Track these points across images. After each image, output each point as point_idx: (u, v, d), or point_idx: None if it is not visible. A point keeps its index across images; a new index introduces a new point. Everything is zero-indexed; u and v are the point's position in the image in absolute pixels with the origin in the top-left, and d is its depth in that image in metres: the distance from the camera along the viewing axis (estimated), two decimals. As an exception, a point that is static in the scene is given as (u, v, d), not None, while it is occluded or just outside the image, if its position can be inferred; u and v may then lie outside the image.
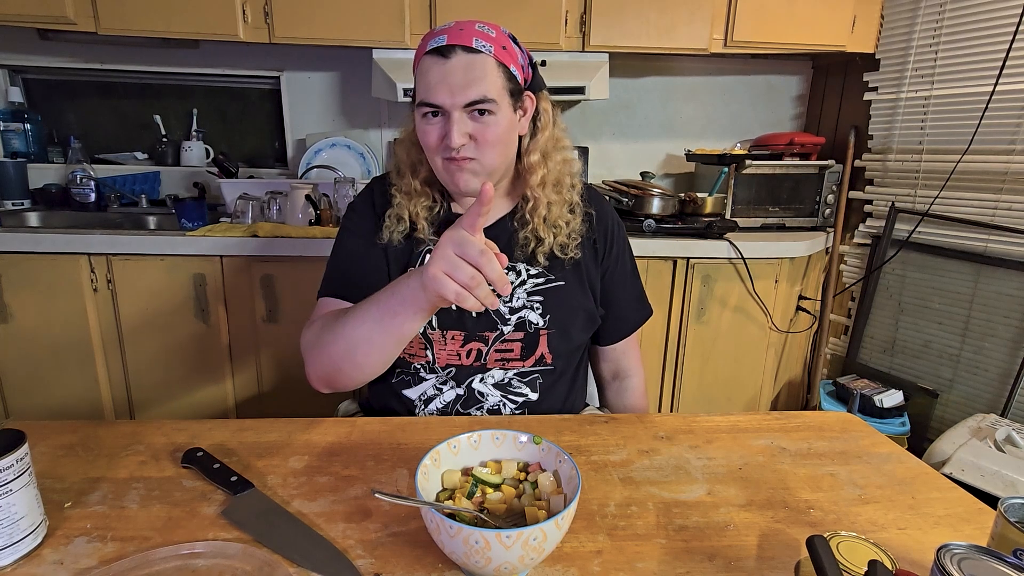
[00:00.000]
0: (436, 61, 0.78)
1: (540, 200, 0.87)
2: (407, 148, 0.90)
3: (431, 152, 0.84)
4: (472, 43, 0.78)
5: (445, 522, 0.48)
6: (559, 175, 0.90)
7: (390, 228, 0.89)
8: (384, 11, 1.78)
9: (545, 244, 0.88)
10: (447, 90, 0.78)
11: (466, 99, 0.78)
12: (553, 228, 0.88)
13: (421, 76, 0.80)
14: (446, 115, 0.80)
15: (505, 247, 0.88)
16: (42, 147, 2.11)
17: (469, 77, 0.77)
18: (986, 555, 0.45)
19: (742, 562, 0.56)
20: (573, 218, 0.90)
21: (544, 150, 0.88)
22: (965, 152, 1.70)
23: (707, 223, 1.82)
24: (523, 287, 0.89)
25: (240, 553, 0.53)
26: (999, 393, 1.71)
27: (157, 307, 1.66)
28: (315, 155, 2.12)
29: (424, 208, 0.89)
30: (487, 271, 0.58)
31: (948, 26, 1.76)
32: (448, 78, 0.77)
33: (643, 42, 1.87)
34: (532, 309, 0.89)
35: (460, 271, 0.58)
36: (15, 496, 0.52)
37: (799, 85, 2.34)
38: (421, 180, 0.90)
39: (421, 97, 0.80)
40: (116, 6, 1.71)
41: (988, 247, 1.71)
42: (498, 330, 0.88)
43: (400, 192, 0.90)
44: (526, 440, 0.62)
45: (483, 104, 0.79)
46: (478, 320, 0.88)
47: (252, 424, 0.79)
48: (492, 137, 0.81)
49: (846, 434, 0.82)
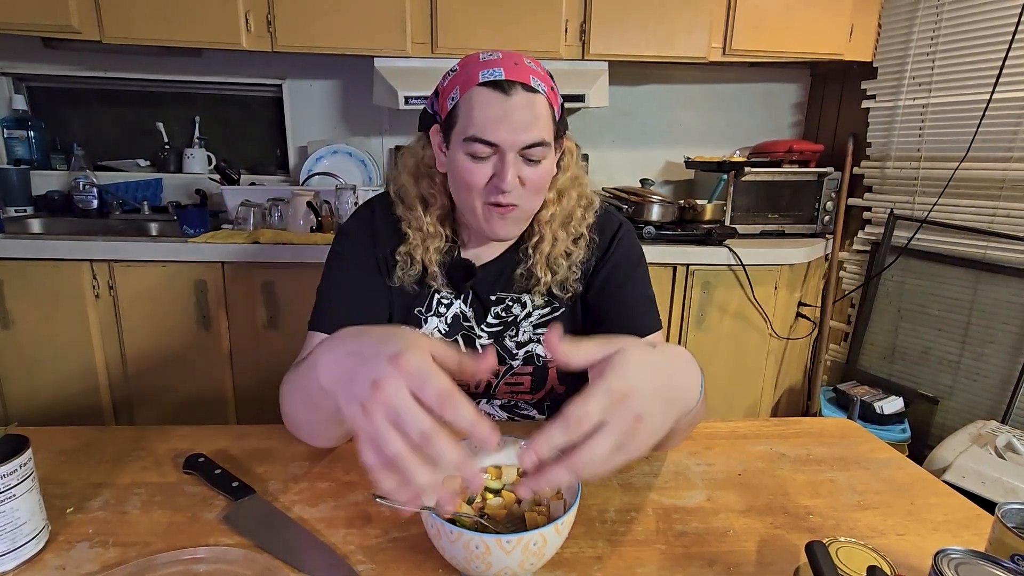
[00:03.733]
0: (495, 96, 0.71)
1: (546, 236, 0.83)
2: (416, 178, 0.83)
3: (471, 192, 0.76)
4: (530, 81, 0.73)
5: (445, 527, 0.47)
6: (570, 211, 0.85)
7: (404, 268, 0.82)
8: (385, 20, 1.79)
9: (541, 284, 0.83)
10: (508, 129, 0.71)
11: (526, 141, 0.72)
12: (552, 266, 0.83)
13: (475, 109, 0.72)
14: (499, 155, 0.73)
15: (506, 279, 0.86)
16: (45, 154, 2.12)
17: (529, 117, 0.72)
18: (983, 560, 0.45)
19: (741, 568, 0.56)
20: (576, 249, 0.85)
21: (561, 188, 0.84)
22: (963, 159, 1.71)
23: (706, 230, 1.83)
24: (528, 320, 0.86)
25: (241, 558, 0.53)
26: (999, 400, 1.71)
27: (159, 313, 1.67)
28: (316, 162, 2.13)
29: (436, 251, 0.83)
30: (439, 448, 0.40)
31: (945, 34, 1.78)
32: (509, 116, 0.71)
33: (643, 51, 1.88)
34: (539, 343, 0.86)
35: (387, 442, 0.40)
36: (18, 501, 0.52)
37: (798, 93, 2.35)
38: (435, 218, 0.82)
39: (475, 132, 0.72)
40: (120, 15, 1.73)
41: (987, 253, 1.71)
42: (507, 364, 0.86)
43: (412, 228, 0.82)
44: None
45: (539, 148, 0.74)
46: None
47: (253, 430, 0.79)
48: (540, 183, 0.77)
49: (845, 440, 0.82)
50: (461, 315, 0.86)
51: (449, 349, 0.44)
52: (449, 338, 0.86)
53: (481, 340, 0.86)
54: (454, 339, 0.86)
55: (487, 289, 0.86)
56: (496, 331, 0.86)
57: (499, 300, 0.87)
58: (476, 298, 0.86)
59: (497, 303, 0.86)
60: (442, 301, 0.86)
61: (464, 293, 0.86)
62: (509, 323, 0.86)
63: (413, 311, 0.86)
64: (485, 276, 0.85)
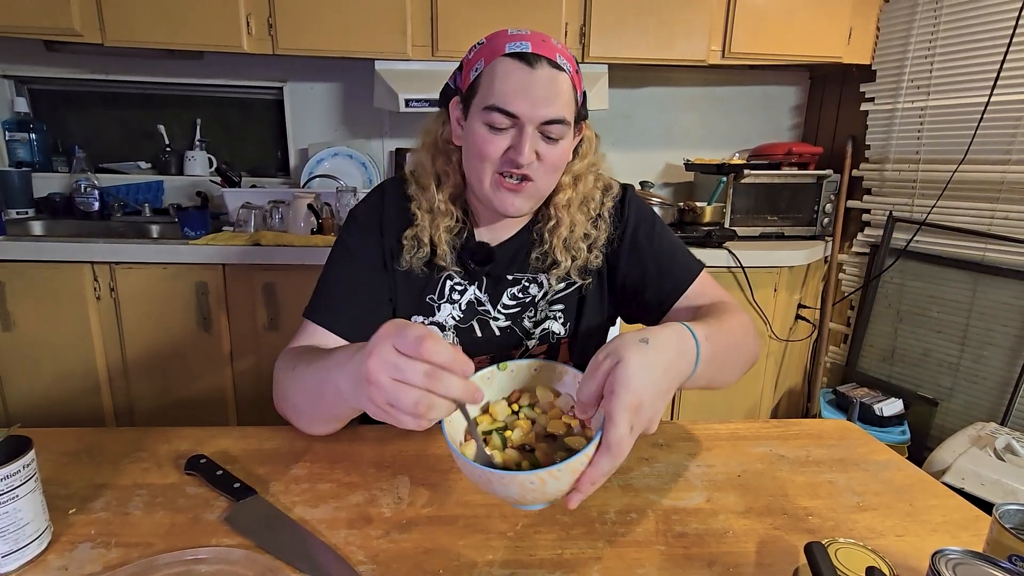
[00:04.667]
0: (519, 67, 0.71)
1: (563, 220, 0.82)
2: (433, 154, 0.82)
3: (484, 162, 0.75)
4: (556, 58, 0.72)
5: (496, 473, 0.48)
6: (587, 194, 0.84)
7: (411, 252, 0.81)
8: (386, 23, 1.80)
9: (561, 267, 0.82)
10: (529, 101, 0.71)
11: (546, 116, 0.72)
12: (572, 251, 0.82)
13: (497, 79, 0.72)
14: (518, 127, 0.73)
15: (521, 259, 0.85)
16: (47, 156, 2.13)
17: (552, 92, 0.72)
18: (981, 560, 0.45)
19: (741, 569, 0.56)
20: (596, 232, 0.84)
21: (577, 173, 0.83)
22: (961, 162, 1.72)
23: (706, 232, 1.83)
24: (544, 298, 0.85)
25: (243, 559, 0.54)
26: (999, 401, 1.71)
27: (159, 315, 1.67)
28: (317, 164, 2.14)
29: (447, 230, 0.81)
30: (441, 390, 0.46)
31: (943, 37, 1.79)
32: (532, 88, 0.71)
33: (642, 53, 1.89)
34: (555, 319, 0.85)
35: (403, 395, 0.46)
36: (21, 502, 0.52)
37: (797, 95, 2.36)
38: (446, 195, 0.81)
39: (495, 101, 0.71)
40: (122, 18, 1.73)
41: (985, 256, 1.72)
42: (523, 346, 0.85)
43: (421, 209, 0.81)
44: (493, 372, 0.61)
45: (559, 124, 0.73)
46: (503, 339, 0.84)
47: (254, 431, 0.79)
48: (557, 161, 0.76)
49: (844, 441, 0.83)
50: (476, 301, 0.85)
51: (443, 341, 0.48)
52: (464, 325, 0.84)
53: (499, 323, 0.85)
54: (469, 325, 0.85)
55: (503, 270, 0.85)
56: (514, 312, 0.85)
57: (515, 281, 0.85)
58: (491, 280, 0.85)
59: (513, 284, 0.85)
60: (455, 288, 0.84)
61: (478, 279, 0.85)
62: (527, 304, 0.85)
63: (424, 299, 0.84)
64: (501, 257, 0.84)
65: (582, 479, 0.48)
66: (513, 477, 0.48)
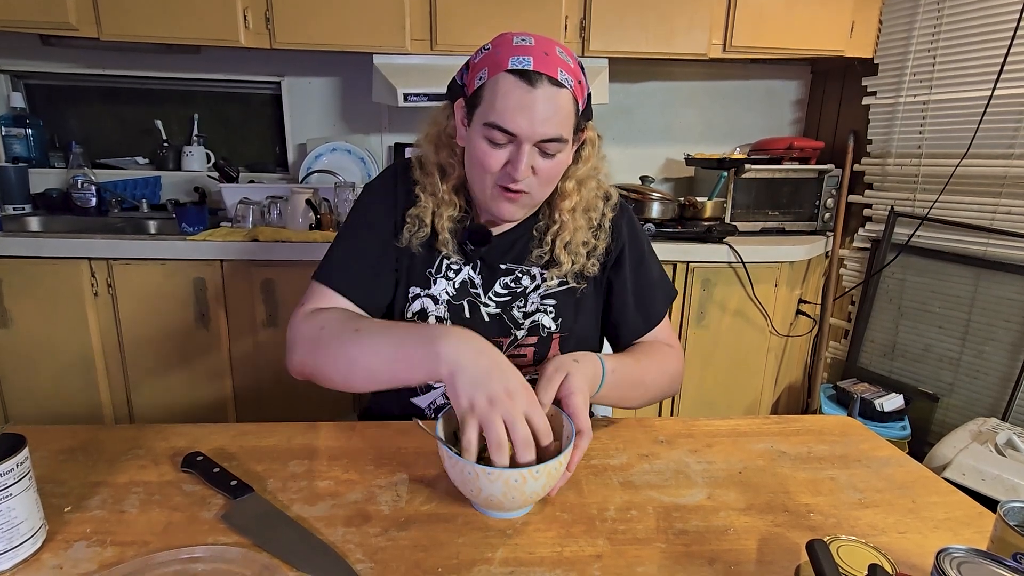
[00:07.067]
0: (519, 85, 0.73)
1: (567, 225, 0.84)
2: (436, 147, 0.85)
3: (484, 174, 0.78)
4: (557, 75, 0.73)
5: (484, 470, 0.57)
6: (590, 201, 0.87)
7: (411, 230, 0.84)
8: (385, 17, 1.79)
9: (561, 268, 0.85)
10: (527, 120, 0.73)
11: (544, 135, 0.74)
12: (573, 255, 0.85)
13: (499, 96, 0.74)
14: (516, 144, 0.75)
15: (518, 250, 0.88)
16: (43, 152, 2.12)
17: (549, 112, 0.74)
18: (986, 559, 0.45)
19: (742, 566, 0.55)
20: (596, 242, 0.87)
21: (581, 178, 0.85)
22: (964, 156, 1.71)
23: (707, 227, 1.83)
24: (537, 291, 0.88)
25: (240, 557, 0.53)
26: (1000, 397, 1.70)
27: (157, 311, 1.66)
28: (315, 160, 2.13)
29: (449, 218, 0.85)
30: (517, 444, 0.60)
31: (946, 31, 1.77)
32: (531, 108, 0.73)
33: (643, 47, 1.88)
34: (545, 313, 0.87)
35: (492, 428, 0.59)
36: (15, 500, 0.52)
37: (798, 90, 2.35)
38: (450, 186, 0.85)
39: (495, 119, 0.74)
40: (118, 12, 1.72)
41: (987, 251, 1.71)
42: (512, 335, 0.87)
43: (425, 192, 0.85)
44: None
45: (555, 143, 0.75)
46: (492, 326, 0.86)
47: (252, 428, 0.79)
48: (552, 174, 0.79)
49: (846, 438, 0.82)
50: (469, 281, 0.88)
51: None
52: (456, 302, 0.87)
53: (488, 309, 0.87)
54: (460, 304, 0.87)
55: (498, 258, 0.88)
56: (504, 301, 0.87)
57: (509, 270, 0.88)
58: (486, 266, 0.88)
59: (507, 273, 0.88)
60: (451, 266, 0.87)
61: (473, 261, 0.87)
62: (518, 294, 0.88)
63: (424, 272, 0.87)
64: (499, 244, 0.87)
65: (572, 460, 0.64)
66: (500, 473, 0.57)
